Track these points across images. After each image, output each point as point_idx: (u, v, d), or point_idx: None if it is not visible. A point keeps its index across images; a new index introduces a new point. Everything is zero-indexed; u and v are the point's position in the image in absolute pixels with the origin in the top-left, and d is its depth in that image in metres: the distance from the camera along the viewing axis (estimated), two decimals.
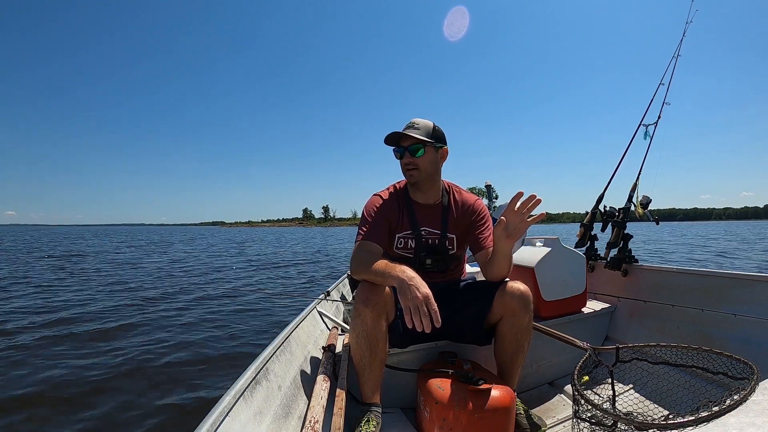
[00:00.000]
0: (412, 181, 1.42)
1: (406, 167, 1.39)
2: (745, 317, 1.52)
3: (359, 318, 1.20)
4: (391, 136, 1.36)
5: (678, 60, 2.45)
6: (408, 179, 1.42)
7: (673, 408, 1.27)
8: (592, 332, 1.96)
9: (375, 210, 1.40)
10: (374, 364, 1.21)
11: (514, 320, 1.28)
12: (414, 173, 1.38)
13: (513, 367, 1.33)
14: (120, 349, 3.27)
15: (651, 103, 2.41)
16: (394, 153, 1.42)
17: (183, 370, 2.81)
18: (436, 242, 1.44)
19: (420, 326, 1.05)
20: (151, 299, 5.50)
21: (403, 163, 1.40)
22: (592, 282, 2.24)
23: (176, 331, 3.80)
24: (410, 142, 1.36)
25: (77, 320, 4.24)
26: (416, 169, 1.37)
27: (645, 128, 2.41)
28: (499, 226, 1.18)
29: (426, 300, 1.07)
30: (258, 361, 1.09)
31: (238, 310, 4.72)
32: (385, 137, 1.37)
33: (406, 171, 1.40)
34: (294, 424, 1.09)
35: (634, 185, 2.29)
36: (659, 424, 0.86)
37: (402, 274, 1.13)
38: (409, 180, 1.42)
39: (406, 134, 1.34)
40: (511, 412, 1.15)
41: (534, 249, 1.91)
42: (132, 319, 4.28)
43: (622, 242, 2.16)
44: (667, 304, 1.82)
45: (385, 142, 1.40)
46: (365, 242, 1.32)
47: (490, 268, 1.33)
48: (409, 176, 1.40)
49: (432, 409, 1.16)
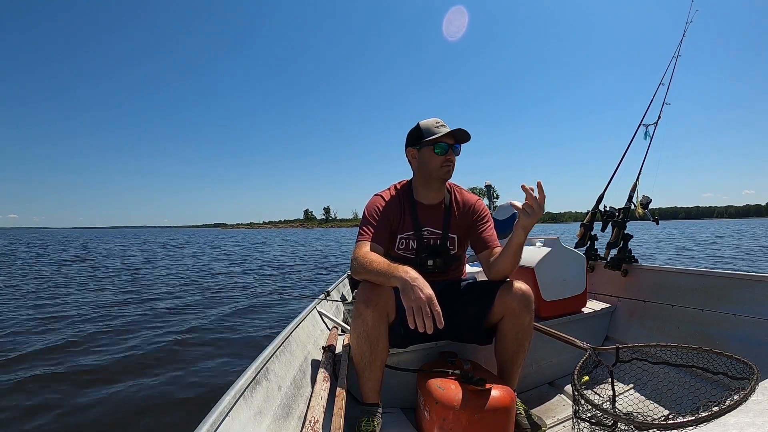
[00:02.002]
0: (447, 177, 1.43)
1: (445, 163, 1.39)
2: (745, 317, 1.52)
3: (360, 318, 1.20)
4: (449, 133, 1.35)
5: (678, 60, 2.45)
6: (444, 175, 1.41)
7: (673, 408, 1.27)
8: (592, 332, 1.96)
9: (376, 210, 1.40)
10: (375, 364, 1.22)
11: (515, 320, 1.28)
12: (451, 170, 1.42)
13: (513, 367, 1.33)
14: (119, 349, 3.27)
15: (651, 103, 2.42)
16: (437, 148, 1.37)
17: (183, 370, 2.81)
18: (438, 242, 1.44)
19: (422, 327, 1.05)
20: (150, 299, 5.51)
21: (443, 159, 1.38)
22: (592, 282, 2.24)
23: (176, 331, 3.80)
24: (456, 141, 1.40)
25: (80, 318, 4.25)
26: (452, 166, 1.41)
27: (645, 128, 2.41)
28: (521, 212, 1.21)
29: (429, 301, 1.07)
30: (258, 361, 1.09)
31: (238, 310, 4.72)
32: (437, 129, 1.37)
33: (443, 167, 1.39)
34: (294, 424, 1.09)
35: (634, 185, 2.29)
36: (659, 424, 0.86)
37: (405, 275, 1.13)
38: (444, 177, 1.42)
39: (467, 132, 1.37)
40: (511, 412, 1.15)
41: (534, 249, 1.91)
42: (131, 319, 4.29)
43: (622, 242, 2.16)
44: (667, 304, 1.82)
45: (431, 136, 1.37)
46: (366, 243, 1.32)
47: (496, 264, 1.33)
48: (447, 172, 1.41)
49: (432, 409, 1.16)
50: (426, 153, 1.39)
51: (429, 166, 1.39)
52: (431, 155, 1.38)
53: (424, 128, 1.39)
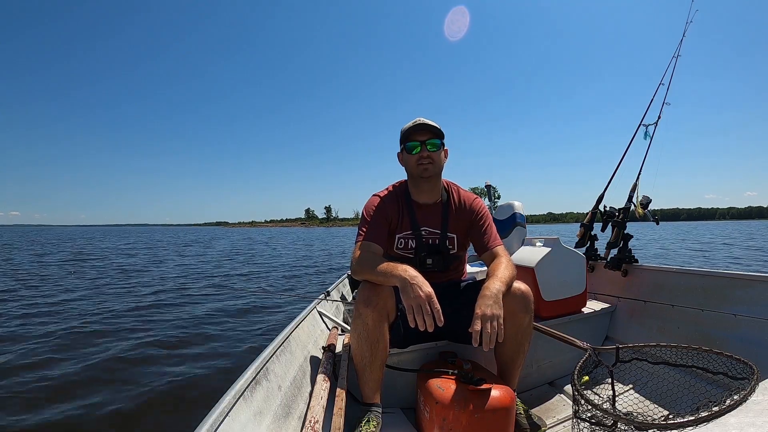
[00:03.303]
0: (426, 175, 1.38)
1: (420, 161, 1.37)
2: (745, 317, 1.52)
3: (360, 318, 1.20)
4: (414, 129, 1.35)
5: (678, 60, 2.45)
6: (422, 173, 1.38)
7: (673, 408, 1.27)
8: (592, 332, 1.96)
9: (375, 210, 1.40)
10: (375, 364, 1.22)
11: (514, 321, 1.27)
12: (429, 167, 1.37)
13: (513, 367, 1.33)
14: (119, 348, 3.28)
15: (651, 103, 2.42)
16: (408, 148, 1.38)
17: (182, 371, 2.81)
18: (437, 242, 1.44)
19: (422, 325, 1.06)
20: (149, 299, 5.51)
21: (417, 157, 1.37)
22: (592, 282, 2.24)
23: (175, 332, 3.80)
24: (427, 137, 1.37)
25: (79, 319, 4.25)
26: (431, 163, 1.37)
27: (645, 128, 2.41)
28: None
29: (429, 299, 1.07)
30: (258, 361, 1.09)
31: (238, 310, 4.72)
32: (408, 129, 1.37)
33: (419, 165, 1.37)
34: (294, 424, 1.09)
35: (634, 185, 2.29)
36: (659, 424, 0.86)
37: (404, 273, 1.13)
38: (422, 174, 1.38)
39: (428, 125, 1.36)
40: (511, 412, 1.15)
41: (534, 249, 1.91)
42: (131, 319, 4.29)
43: (622, 242, 2.16)
44: (667, 304, 1.82)
45: (404, 136, 1.38)
46: (366, 243, 1.33)
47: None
48: (424, 170, 1.37)
49: (432, 409, 1.16)
50: (405, 154, 1.41)
51: (409, 167, 1.42)
52: (407, 155, 1.40)
53: (403, 130, 1.40)
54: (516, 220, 2.61)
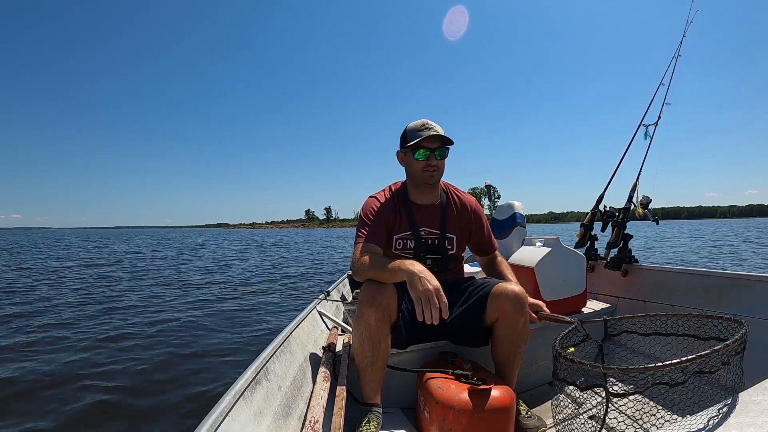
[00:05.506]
0: (431, 182, 1.40)
1: (427, 169, 1.37)
2: (745, 317, 1.52)
3: (363, 318, 1.20)
4: (425, 137, 1.32)
5: (678, 60, 2.44)
6: (427, 180, 1.39)
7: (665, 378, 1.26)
8: (592, 332, 1.96)
9: (373, 212, 1.40)
10: (376, 364, 1.22)
11: (508, 322, 1.28)
12: (435, 175, 1.39)
13: (510, 368, 1.33)
14: (118, 348, 3.28)
15: (651, 103, 2.42)
16: (423, 155, 1.35)
17: (182, 371, 2.81)
18: (436, 242, 1.44)
19: (430, 318, 1.07)
20: (148, 299, 5.52)
21: (424, 164, 1.36)
22: (592, 282, 2.24)
23: (175, 332, 3.80)
24: (437, 145, 1.36)
25: (79, 317, 4.26)
26: (437, 171, 1.38)
27: (645, 128, 2.41)
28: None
29: (437, 291, 1.09)
30: (258, 361, 1.09)
31: (238, 311, 4.72)
32: (417, 134, 1.34)
33: (425, 172, 1.37)
34: (294, 424, 1.09)
35: (634, 185, 2.28)
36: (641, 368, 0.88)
37: (412, 267, 1.14)
38: (427, 181, 1.39)
39: (440, 135, 1.34)
40: (511, 412, 1.15)
41: (534, 249, 1.91)
42: (130, 318, 4.29)
43: (622, 242, 2.16)
44: (667, 304, 1.82)
45: (411, 139, 1.36)
46: (366, 244, 1.33)
47: (493, 276, 1.45)
48: (429, 177, 1.38)
49: (432, 409, 1.16)
50: (410, 157, 1.40)
51: (412, 170, 1.41)
52: (413, 160, 1.38)
53: (409, 131, 1.39)
54: (516, 220, 2.61)
